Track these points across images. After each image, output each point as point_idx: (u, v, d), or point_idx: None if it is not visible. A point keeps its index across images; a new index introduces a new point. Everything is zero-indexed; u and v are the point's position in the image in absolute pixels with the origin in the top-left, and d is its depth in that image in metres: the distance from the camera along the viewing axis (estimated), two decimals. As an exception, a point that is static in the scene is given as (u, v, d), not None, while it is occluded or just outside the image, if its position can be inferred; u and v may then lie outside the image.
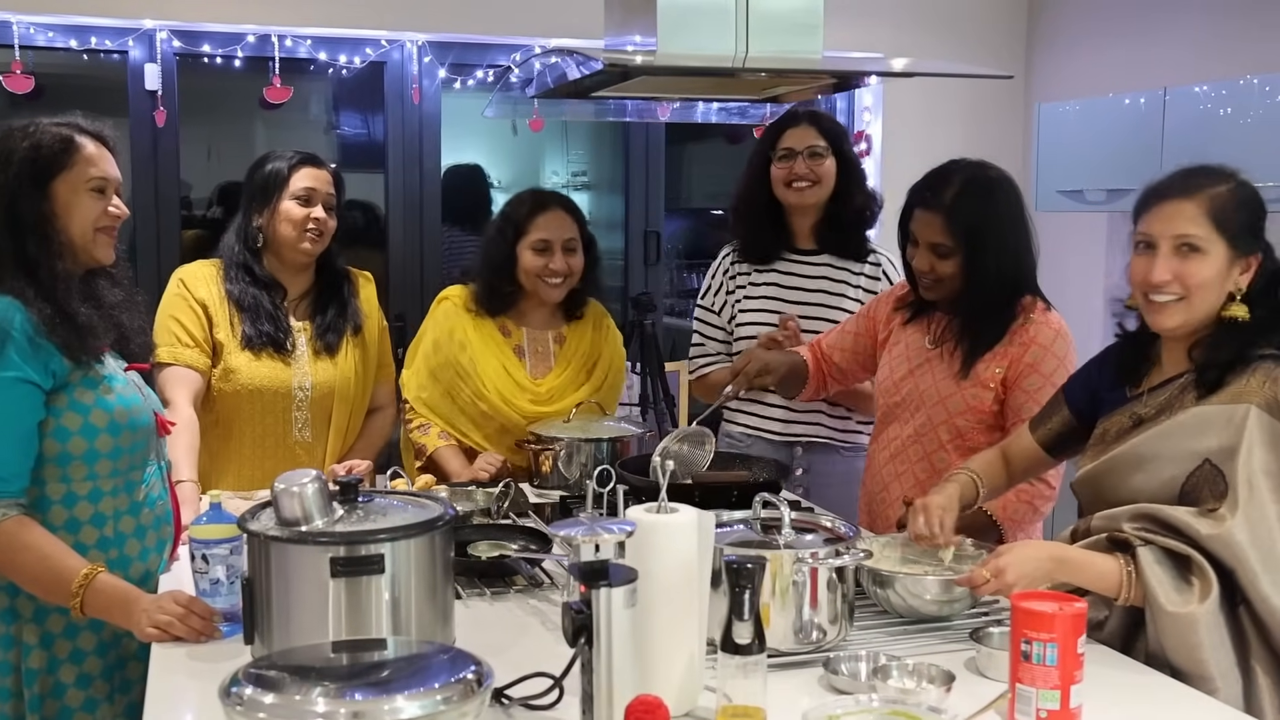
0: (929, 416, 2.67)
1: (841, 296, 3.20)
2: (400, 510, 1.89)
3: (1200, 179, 2.03)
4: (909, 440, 2.72)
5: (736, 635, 1.66)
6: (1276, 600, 1.88)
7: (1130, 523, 2.00)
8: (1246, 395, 1.94)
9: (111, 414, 2.22)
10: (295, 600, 1.79)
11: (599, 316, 3.29)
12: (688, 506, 1.79)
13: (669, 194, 5.78)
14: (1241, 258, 2.01)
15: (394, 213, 5.28)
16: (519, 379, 3.14)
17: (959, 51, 5.50)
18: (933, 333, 2.72)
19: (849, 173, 3.19)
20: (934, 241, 2.59)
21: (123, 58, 4.75)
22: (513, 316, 3.18)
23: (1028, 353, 2.58)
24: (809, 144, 3.13)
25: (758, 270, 3.28)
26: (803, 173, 3.14)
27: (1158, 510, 1.97)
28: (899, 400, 2.75)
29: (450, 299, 3.20)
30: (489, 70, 5.13)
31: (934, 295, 2.68)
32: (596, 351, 3.25)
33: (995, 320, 2.61)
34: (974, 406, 2.62)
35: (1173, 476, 1.99)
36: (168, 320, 2.89)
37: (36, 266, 2.17)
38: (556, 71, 3.14)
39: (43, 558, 2.10)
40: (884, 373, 2.82)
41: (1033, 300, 2.63)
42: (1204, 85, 4.26)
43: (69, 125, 2.27)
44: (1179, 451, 1.99)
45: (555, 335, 3.22)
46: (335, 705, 1.42)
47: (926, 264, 2.62)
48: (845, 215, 3.21)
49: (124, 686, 2.27)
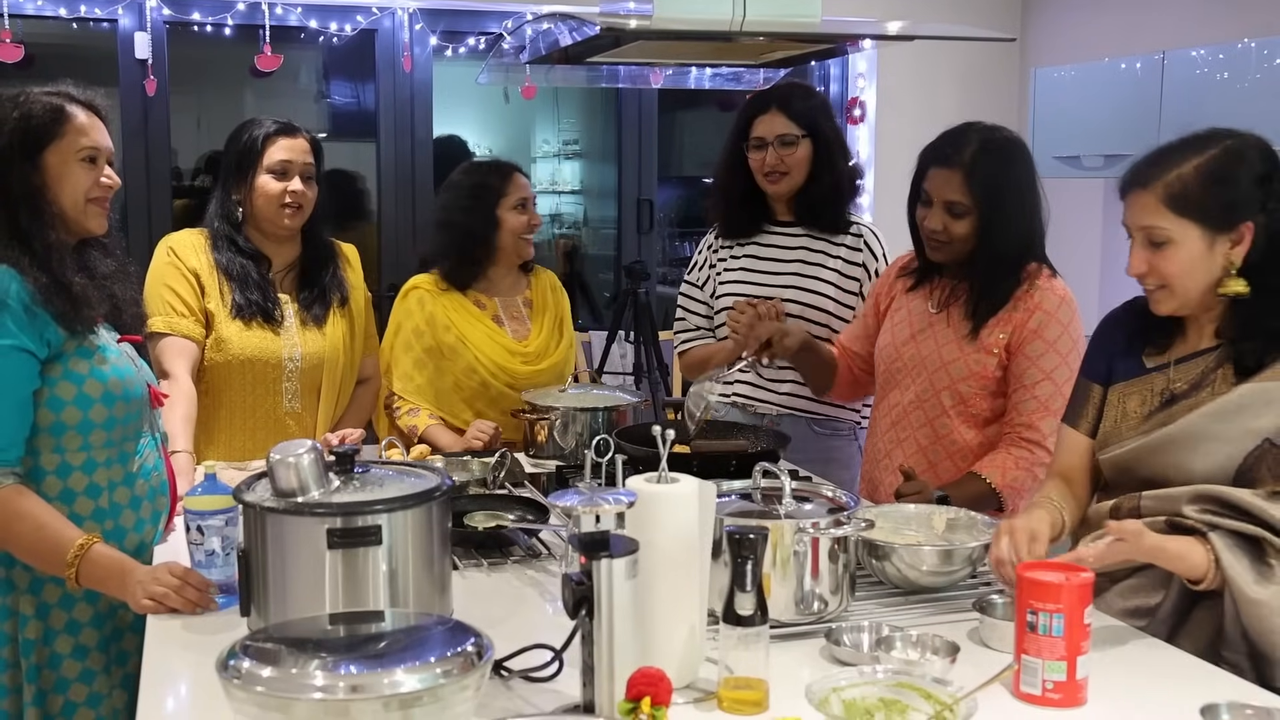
0: (931, 382, 2.66)
1: (820, 267, 3.15)
2: (397, 481, 1.88)
3: (1161, 163, 1.99)
4: (910, 406, 2.70)
5: (739, 606, 1.65)
6: None
7: (1190, 505, 1.95)
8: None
9: (105, 384, 2.22)
10: (292, 572, 1.78)
11: (550, 279, 3.42)
12: (688, 476, 1.78)
13: (662, 162, 5.77)
14: (1224, 233, 1.95)
15: (385, 182, 5.26)
16: (506, 344, 3.20)
17: (954, 16, 5.49)
18: (935, 298, 2.71)
19: (826, 152, 3.11)
20: (950, 199, 2.57)
21: (113, 26, 4.74)
22: (482, 289, 3.25)
23: (1032, 318, 2.56)
24: (779, 133, 3.07)
25: (740, 244, 3.25)
26: (774, 164, 3.09)
27: (1221, 492, 1.93)
28: (900, 365, 2.73)
29: (419, 286, 3.24)
30: (480, 38, 5.10)
31: (941, 256, 2.65)
32: (560, 309, 3.36)
33: (1004, 283, 2.59)
34: (977, 372, 2.61)
35: (1229, 456, 1.94)
36: (161, 289, 2.87)
37: (30, 237, 2.17)
38: (550, 38, 3.11)
39: (38, 527, 2.11)
40: (885, 338, 2.80)
41: (1038, 267, 2.61)
42: (1202, 49, 4.24)
43: (60, 94, 2.26)
44: (1236, 431, 1.94)
45: (524, 299, 3.31)
46: (333, 679, 1.40)
47: (940, 223, 2.59)
48: (819, 194, 3.14)
49: (120, 658, 2.28)
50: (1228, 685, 1.78)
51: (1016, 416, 2.58)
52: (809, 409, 3.17)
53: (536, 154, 7.60)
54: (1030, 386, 2.56)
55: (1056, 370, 2.54)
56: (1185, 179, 1.95)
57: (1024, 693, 1.70)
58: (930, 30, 3.17)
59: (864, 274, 3.14)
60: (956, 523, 2.26)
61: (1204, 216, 1.94)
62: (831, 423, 3.20)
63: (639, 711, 1.51)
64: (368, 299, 3.18)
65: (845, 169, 3.18)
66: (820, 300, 3.13)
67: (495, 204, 3.17)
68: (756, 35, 2.71)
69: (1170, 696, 1.72)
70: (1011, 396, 2.59)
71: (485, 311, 3.23)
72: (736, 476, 2.20)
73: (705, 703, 1.69)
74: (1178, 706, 1.67)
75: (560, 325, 3.34)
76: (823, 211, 3.16)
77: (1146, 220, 1.98)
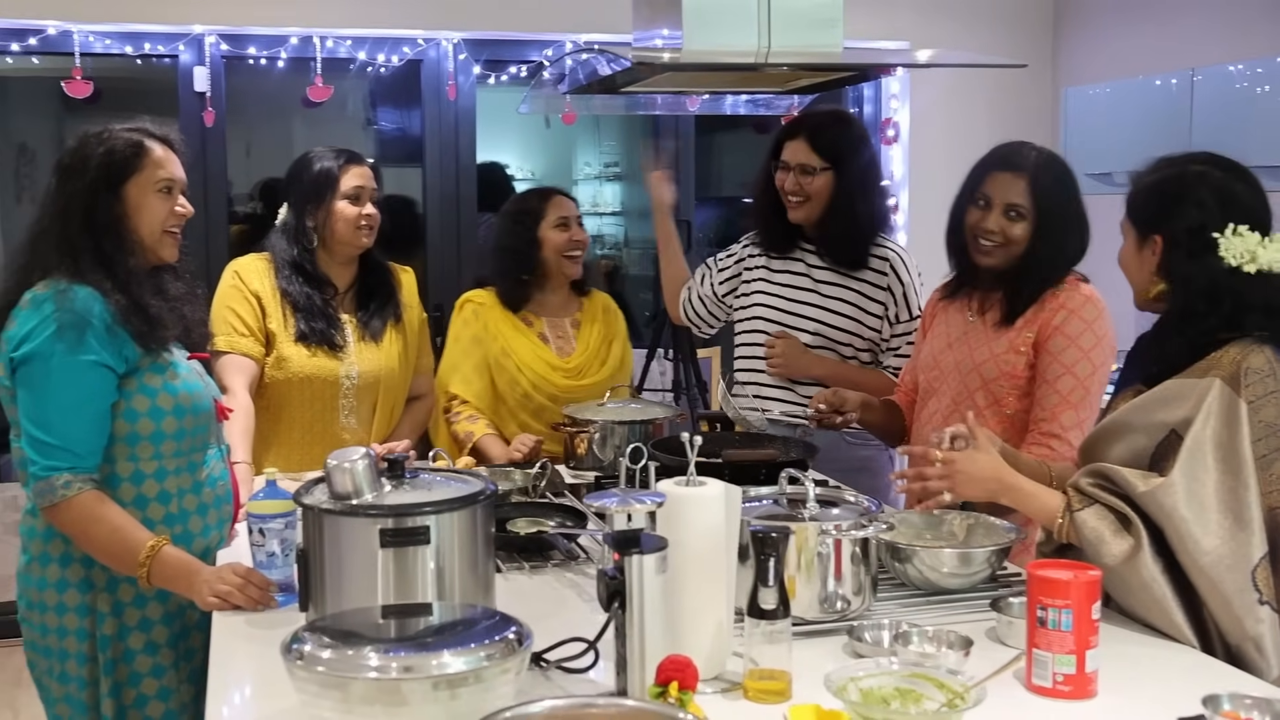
0: (964, 383, 2.71)
1: (844, 289, 3.22)
2: (444, 485, 1.97)
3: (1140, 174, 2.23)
4: (948, 409, 2.73)
5: (762, 601, 1.76)
6: (1204, 543, 1.95)
7: (1086, 479, 2.11)
8: (1215, 369, 2.03)
9: (176, 398, 2.35)
10: (347, 569, 1.87)
11: (605, 302, 3.55)
12: (715, 480, 1.88)
13: (699, 183, 5.85)
14: (1145, 241, 2.17)
15: (431, 206, 5.38)
16: (549, 359, 3.35)
17: (985, 37, 5.55)
18: (973, 305, 2.76)
19: (849, 188, 3.15)
20: (1013, 202, 2.63)
21: (173, 61, 4.92)
22: (531, 309, 3.41)
23: (1056, 316, 2.61)
24: (800, 161, 3.13)
25: (770, 257, 3.34)
26: (792, 189, 3.16)
27: (1107, 468, 2.08)
28: (938, 373, 2.78)
29: (473, 300, 3.42)
30: (522, 66, 5.23)
31: (993, 261, 2.68)
32: (610, 333, 3.48)
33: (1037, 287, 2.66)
34: (1007, 372, 2.65)
35: (1144, 446, 2.08)
36: (224, 310, 3.01)
37: (112, 262, 2.31)
38: (588, 68, 3.24)
39: (113, 530, 2.24)
40: (925, 351, 2.85)
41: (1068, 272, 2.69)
42: (1238, 65, 4.27)
43: (138, 130, 2.40)
44: (1150, 422, 2.08)
45: (571, 321, 3.45)
46: (386, 660, 1.52)
47: (998, 224, 2.64)
48: (837, 230, 3.19)
49: (188, 654, 2.40)
50: (1229, 676, 1.86)
51: (1039, 412, 2.62)
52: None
53: (578, 176, 7.67)
54: (1052, 381, 2.60)
55: (1078, 365, 2.59)
56: (1136, 188, 2.20)
57: (1035, 685, 1.78)
58: (943, 58, 3.26)
59: (889, 298, 3.19)
60: (976, 528, 2.34)
61: (1135, 223, 2.18)
62: (863, 434, 3.28)
63: (667, 695, 1.62)
64: (423, 320, 3.31)
65: (868, 208, 3.21)
66: (842, 321, 3.20)
67: (536, 225, 3.34)
68: (780, 65, 2.81)
69: (1173, 687, 1.79)
70: (1036, 393, 2.63)
71: (532, 329, 3.38)
72: (766, 484, 2.28)
73: (732, 693, 1.79)
74: (1181, 696, 1.73)
75: (610, 344, 3.46)
76: (840, 246, 3.21)
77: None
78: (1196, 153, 2.18)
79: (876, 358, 3.27)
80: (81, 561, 2.34)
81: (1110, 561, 2.00)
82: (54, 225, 2.33)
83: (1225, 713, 1.63)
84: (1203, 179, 2.12)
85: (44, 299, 2.26)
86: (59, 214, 2.33)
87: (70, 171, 2.35)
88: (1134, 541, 2.00)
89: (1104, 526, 2.03)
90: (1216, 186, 2.11)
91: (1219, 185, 2.11)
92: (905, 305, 3.20)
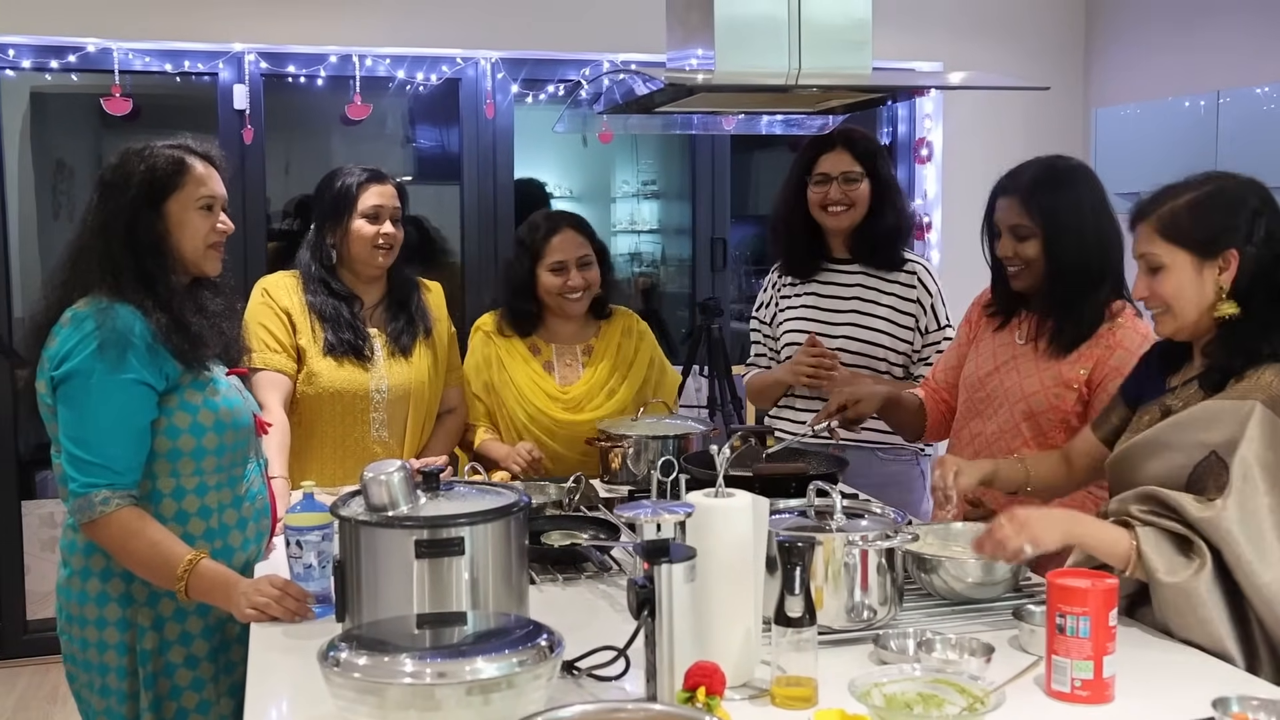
0: (1011, 413, 2.69)
1: (875, 304, 3.28)
2: (478, 497, 2.01)
3: (1160, 198, 2.17)
4: (993, 437, 2.73)
5: (789, 609, 1.79)
6: (1263, 573, 1.97)
7: (1137, 505, 2.11)
8: (1255, 391, 2.04)
9: (217, 414, 2.38)
10: (383, 580, 1.91)
11: (628, 322, 3.47)
12: (743, 492, 1.92)
13: (735, 201, 5.89)
14: (1211, 260, 2.11)
15: (469, 223, 5.43)
16: (547, 389, 3.31)
17: (1016, 58, 5.57)
18: (1023, 330, 2.75)
19: (883, 193, 3.26)
20: (1013, 224, 2.65)
21: (213, 79, 4.98)
22: (541, 335, 3.38)
23: (1113, 355, 2.59)
24: (843, 169, 3.22)
25: (800, 282, 3.39)
26: (838, 198, 3.23)
27: (1160, 493, 2.08)
28: (984, 396, 2.77)
29: (482, 328, 3.41)
30: (559, 85, 5.29)
31: (1022, 284, 2.70)
32: (630, 355, 3.41)
33: (1083, 309, 2.63)
34: (1056, 405, 2.63)
35: (1182, 465, 2.09)
36: (255, 328, 3.06)
37: (154, 280, 2.33)
38: (624, 87, 3.28)
39: (152, 544, 2.26)
40: (969, 368, 2.85)
41: (1122, 305, 2.65)
42: (1263, 87, 4.29)
43: (180, 147, 2.41)
44: (1189, 441, 2.09)
45: (584, 348, 3.40)
46: (421, 666, 1.57)
47: (1010, 249, 2.66)
48: (879, 231, 3.28)
49: (228, 668, 2.42)
50: (1237, 680, 1.90)
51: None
52: (874, 440, 3.28)
53: (616, 194, 7.70)
54: None
55: None
56: (1177, 210, 2.13)
57: (1054, 690, 1.82)
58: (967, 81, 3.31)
59: (919, 309, 3.26)
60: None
61: (1191, 244, 2.11)
62: (895, 449, 3.32)
63: (695, 700, 1.66)
64: (452, 334, 3.35)
65: (903, 209, 3.32)
66: (877, 336, 3.26)
67: (535, 262, 3.29)
68: (810, 87, 2.85)
69: (1184, 691, 1.83)
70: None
71: (538, 357, 3.35)
72: (796, 498, 2.31)
73: (759, 699, 1.83)
74: (1192, 700, 1.77)
75: (625, 372, 3.39)
76: (880, 248, 3.29)
77: (1145, 247, 2.16)
78: (1203, 173, 2.19)
79: (909, 370, 3.30)
80: (122, 576, 2.36)
81: (1171, 579, 2.01)
82: (95, 242, 2.34)
83: (1234, 714, 1.67)
84: (1249, 187, 2.14)
85: (85, 316, 2.27)
86: (100, 230, 2.34)
87: (112, 188, 2.36)
88: (1200, 561, 2.00)
89: (1164, 547, 2.04)
90: (1263, 194, 2.13)
91: (1263, 191, 2.14)
92: (933, 316, 3.26)
